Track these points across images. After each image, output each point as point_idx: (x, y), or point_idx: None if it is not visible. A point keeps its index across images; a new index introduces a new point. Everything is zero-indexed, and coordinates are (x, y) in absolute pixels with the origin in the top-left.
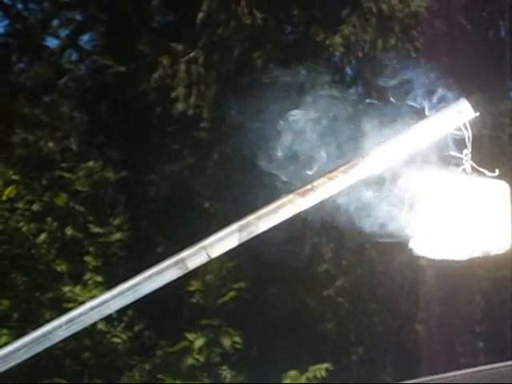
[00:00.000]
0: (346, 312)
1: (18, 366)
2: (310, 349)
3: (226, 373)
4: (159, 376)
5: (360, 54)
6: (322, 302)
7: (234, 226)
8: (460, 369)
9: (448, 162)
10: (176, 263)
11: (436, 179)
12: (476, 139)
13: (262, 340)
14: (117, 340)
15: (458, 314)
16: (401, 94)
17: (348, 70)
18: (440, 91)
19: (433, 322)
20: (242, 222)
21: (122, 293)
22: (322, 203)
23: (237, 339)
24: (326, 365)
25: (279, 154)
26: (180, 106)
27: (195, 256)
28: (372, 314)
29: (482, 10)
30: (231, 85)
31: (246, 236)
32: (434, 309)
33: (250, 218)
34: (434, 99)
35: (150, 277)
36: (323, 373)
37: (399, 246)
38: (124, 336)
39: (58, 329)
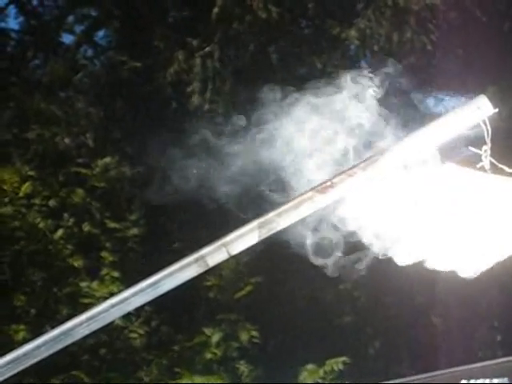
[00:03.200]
0: (362, 305)
1: None
2: (327, 342)
3: (244, 367)
4: (177, 370)
5: (375, 47)
6: (339, 295)
7: (254, 223)
8: (477, 362)
9: (467, 158)
10: (196, 260)
11: (454, 176)
12: (494, 133)
13: (279, 334)
14: (134, 335)
15: (475, 309)
16: (417, 89)
17: (363, 64)
18: (456, 84)
19: (449, 315)
20: (262, 219)
21: (142, 290)
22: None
23: (254, 333)
24: (343, 358)
25: (296, 148)
26: (196, 101)
27: (215, 253)
28: (389, 307)
29: (498, 3)
30: (247, 79)
31: (265, 233)
32: (450, 302)
33: (270, 215)
34: (451, 93)
35: (170, 274)
36: (340, 366)
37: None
38: (141, 331)
39: (78, 326)
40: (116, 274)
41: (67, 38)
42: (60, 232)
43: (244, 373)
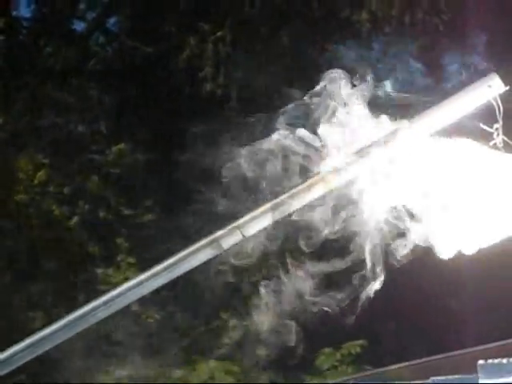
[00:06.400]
0: (378, 287)
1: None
2: (345, 326)
3: (260, 351)
4: (193, 355)
5: (387, 29)
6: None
7: (268, 205)
8: (494, 341)
9: (479, 136)
10: (210, 243)
11: (467, 154)
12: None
13: (297, 318)
14: (150, 320)
15: (491, 288)
16: (429, 69)
17: (375, 46)
18: (469, 64)
19: (466, 295)
20: (276, 201)
21: (157, 273)
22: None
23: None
24: (360, 341)
25: (308, 131)
26: (208, 86)
27: (229, 235)
28: (405, 289)
29: None
30: (259, 63)
31: (279, 214)
32: (466, 282)
33: (283, 196)
34: (463, 73)
35: (185, 257)
36: (358, 349)
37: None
38: (157, 316)
39: (95, 310)
40: (132, 259)
41: (79, 26)
42: (75, 219)
43: (261, 357)
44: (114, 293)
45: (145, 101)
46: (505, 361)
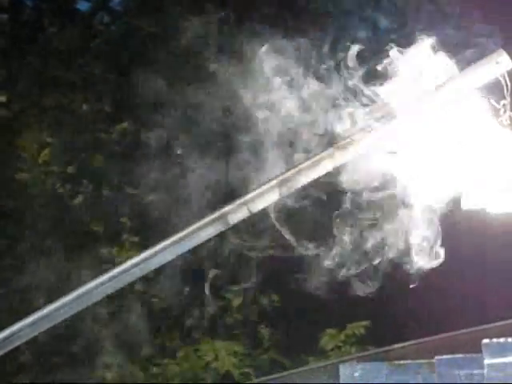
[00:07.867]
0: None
1: (55, 327)
2: (349, 306)
3: (265, 331)
4: (197, 335)
5: (392, 8)
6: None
7: (275, 181)
8: (498, 320)
9: (485, 113)
10: (217, 219)
11: (473, 131)
12: None
13: (300, 298)
14: (155, 300)
15: (494, 266)
16: (437, 45)
17: (381, 24)
18: (477, 41)
19: (469, 274)
20: (282, 177)
21: (163, 249)
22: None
23: (275, 297)
24: (364, 322)
25: (314, 106)
26: (212, 67)
27: (236, 211)
28: (410, 270)
29: None
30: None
31: (286, 191)
32: (470, 261)
33: (290, 172)
34: (472, 49)
35: (191, 233)
36: (362, 330)
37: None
38: (162, 296)
39: (100, 286)
40: (136, 239)
41: (83, 5)
42: (79, 198)
43: (265, 337)
44: (119, 268)
45: (149, 80)
46: (509, 340)
